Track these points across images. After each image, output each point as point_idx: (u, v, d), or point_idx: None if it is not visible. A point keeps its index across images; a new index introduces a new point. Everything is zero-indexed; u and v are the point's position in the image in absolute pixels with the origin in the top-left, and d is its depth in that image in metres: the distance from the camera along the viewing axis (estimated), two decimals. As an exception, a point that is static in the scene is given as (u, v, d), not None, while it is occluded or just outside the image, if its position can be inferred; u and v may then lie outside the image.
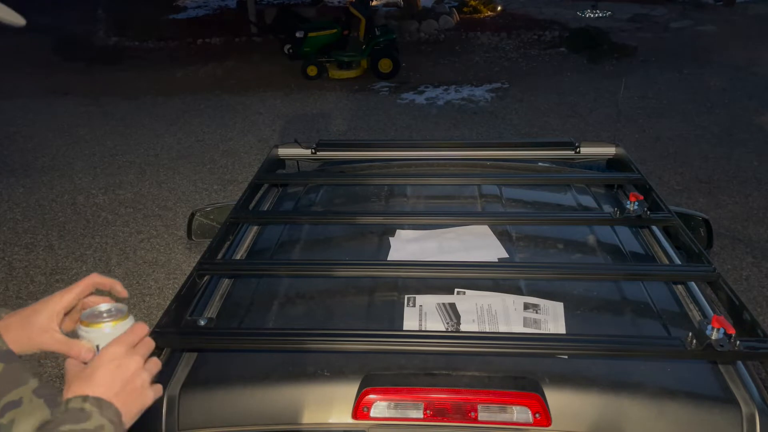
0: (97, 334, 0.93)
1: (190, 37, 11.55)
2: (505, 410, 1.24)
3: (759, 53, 9.50)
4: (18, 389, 0.85)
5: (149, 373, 0.92)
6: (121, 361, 0.89)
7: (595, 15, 12.37)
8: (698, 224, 2.38)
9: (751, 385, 1.29)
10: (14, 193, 5.82)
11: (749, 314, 1.36)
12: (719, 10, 12.88)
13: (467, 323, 1.45)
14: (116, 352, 0.90)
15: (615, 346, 1.30)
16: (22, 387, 0.86)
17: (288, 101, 8.28)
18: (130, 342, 0.92)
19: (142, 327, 0.96)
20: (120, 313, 0.96)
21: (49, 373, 3.50)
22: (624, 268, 1.71)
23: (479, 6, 12.83)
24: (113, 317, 0.95)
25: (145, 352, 0.94)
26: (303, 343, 1.30)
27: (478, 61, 9.88)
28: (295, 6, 13.27)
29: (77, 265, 4.62)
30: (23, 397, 0.85)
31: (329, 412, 1.27)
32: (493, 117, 7.49)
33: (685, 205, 4.98)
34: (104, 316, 0.96)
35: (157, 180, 6.01)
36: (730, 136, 6.61)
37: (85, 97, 8.61)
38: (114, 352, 0.90)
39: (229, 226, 1.83)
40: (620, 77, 8.43)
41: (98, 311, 0.98)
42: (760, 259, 4.37)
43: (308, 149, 2.37)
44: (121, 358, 0.89)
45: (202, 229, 2.48)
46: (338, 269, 1.58)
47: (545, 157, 2.51)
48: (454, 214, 2.05)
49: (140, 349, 0.93)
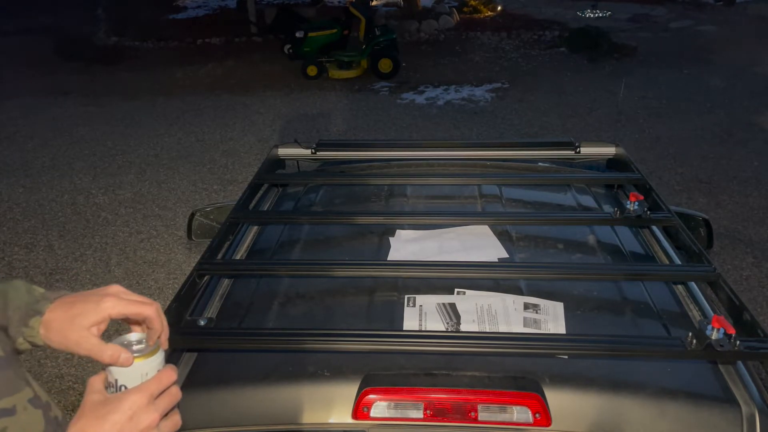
0: (129, 370, 0.86)
1: (190, 37, 11.55)
2: (505, 410, 1.23)
3: (759, 53, 9.50)
4: (10, 397, 0.81)
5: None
6: (137, 412, 0.82)
7: (595, 15, 12.36)
8: (698, 224, 2.38)
9: (751, 385, 1.29)
10: (14, 193, 5.83)
11: (749, 314, 1.36)
12: (719, 10, 12.88)
13: (467, 323, 1.45)
14: (135, 401, 0.83)
15: (615, 346, 1.30)
16: (16, 395, 0.82)
17: (288, 101, 8.28)
18: (152, 393, 0.85)
19: (169, 374, 0.88)
20: (149, 348, 0.89)
21: (48, 373, 3.50)
22: (624, 268, 1.71)
23: (479, 6, 12.82)
24: (142, 352, 0.87)
25: (165, 407, 0.86)
26: (303, 343, 1.30)
27: (478, 61, 9.88)
28: (295, 6, 13.27)
29: (77, 265, 4.62)
30: (16, 405, 0.81)
31: (329, 412, 1.27)
32: (493, 117, 7.49)
33: (685, 205, 4.98)
34: (134, 349, 0.88)
35: (156, 180, 6.01)
36: (730, 136, 6.61)
37: (85, 97, 8.61)
38: (133, 402, 0.83)
39: (229, 226, 1.83)
40: (620, 77, 8.43)
41: (127, 341, 0.89)
42: (760, 259, 4.37)
43: (308, 149, 2.37)
44: (137, 410, 0.83)
45: (202, 229, 2.48)
46: (338, 269, 1.58)
47: (545, 157, 2.51)
48: (454, 214, 2.04)
49: (161, 404, 0.86)
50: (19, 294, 0.96)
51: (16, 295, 0.96)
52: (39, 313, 0.94)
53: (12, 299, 0.96)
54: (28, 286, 0.98)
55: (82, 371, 3.53)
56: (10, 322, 0.95)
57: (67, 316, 0.92)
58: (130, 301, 0.92)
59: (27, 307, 0.95)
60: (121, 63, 10.49)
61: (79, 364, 3.57)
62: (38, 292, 0.97)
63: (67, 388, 3.42)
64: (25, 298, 0.96)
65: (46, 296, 0.96)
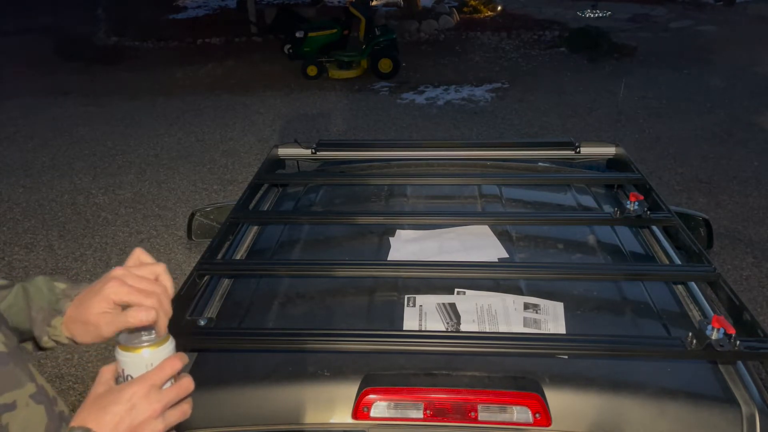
0: (134, 359, 0.84)
1: (190, 37, 11.55)
2: (505, 410, 1.23)
3: (759, 53, 9.50)
4: (11, 392, 0.81)
5: (165, 423, 0.84)
6: (137, 402, 0.81)
7: (595, 15, 12.36)
8: (698, 224, 2.38)
9: (751, 385, 1.29)
10: (14, 193, 5.83)
11: (749, 314, 1.36)
12: (719, 10, 12.88)
13: (467, 323, 1.45)
14: (136, 392, 0.82)
15: (615, 346, 1.30)
16: (17, 390, 0.81)
17: (288, 101, 8.28)
18: (154, 382, 0.83)
19: (172, 363, 0.85)
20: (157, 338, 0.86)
21: (48, 373, 3.50)
22: (624, 268, 1.71)
23: (479, 6, 12.82)
24: (152, 341, 0.85)
25: (171, 398, 0.84)
26: (303, 343, 1.30)
27: (478, 61, 9.88)
28: (295, 6, 13.26)
29: (77, 265, 4.62)
30: (17, 400, 0.81)
31: (329, 412, 1.27)
32: (493, 117, 7.49)
33: (685, 205, 4.98)
34: (143, 337, 0.86)
35: (156, 180, 6.01)
36: (730, 136, 6.61)
37: (85, 97, 8.61)
38: (134, 392, 0.82)
39: (229, 226, 1.83)
40: (620, 77, 8.43)
41: (136, 331, 0.87)
42: (760, 259, 4.37)
43: (308, 149, 2.37)
44: (137, 400, 0.81)
45: (202, 229, 2.48)
46: (338, 269, 1.58)
47: (545, 157, 2.51)
48: (454, 214, 2.04)
49: (166, 394, 0.84)
50: (41, 293, 0.98)
51: (38, 295, 0.98)
52: (60, 313, 0.96)
53: (34, 299, 0.98)
54: (49, 283, 0.99)
55: (82, 371, 3.53)
56: (33, 323, 0.97)
57: (79, 312, 0.93)
58: (132, 289, 0.90)
59: (49, 306, 0.97)
60: (121, 63, 10.49)
61: (79, 364, 3.57)
62: (59, 288, 0.98)
63: (68, 389, 3.41)
64: (47, 297, 0.97)
65: (66, 293, 0.97)
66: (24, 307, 0.97)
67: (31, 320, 0.96)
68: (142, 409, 0.81)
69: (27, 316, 0.97)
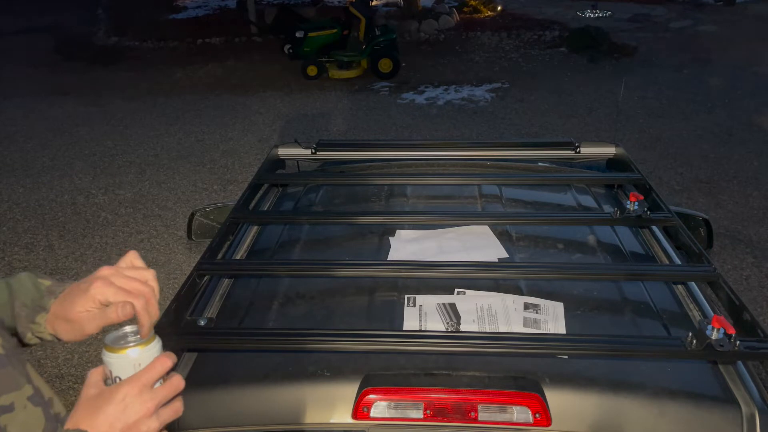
0: (121, 361, 0.84)
1: (190, 37, 11.54)
2: (505, 410, 1.23)
3: (759, 53, 9.50)
4: (9, 394, 0.81)
5: (160, 421, 0.84)
6: (130, 402, 0.82)
7: (595, 15, 12.36)
8: (698, 224, 2.37)
9: (751, 385, 1.29)
10: (14, 193, 5.82)
11: (749, 314, 1.36)
12: (719, 10, 12.88)
13: (467, 323, 1.45)
14: (127, 392, 0.82)
15: (615, 346, 1.30)
16: (15, 392, 0.82)
17: (288, 101, 8.28)
18: (146, 381, 0.83)
19: (162, 362, 0.86)
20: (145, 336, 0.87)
21: (48, 373, 3.50)
22: (624, 268, 1.71)
23: (479, 6, 12.83)
24: (138, 341, 0.86)
25: (163, 396, 0.85)
26: (303, 343, 1.30)
27: (478, 61, 9.88)
28: (295, 6, 13.26)
29: (77, 265, 4.62)
30: (15, 402, 0.81)
31: (329, 412, 1.27)
32: (493, 117, 7.49)
33: (685, 205, 4.98)
34: (129, 338, 0.87)
35: (156, 180, 6.01)
36: (730, 136, 6.61)
37: (85, 97, 8.60)
38: (125, 393, 0.82)
39: (229, 226, 1.83)
40: (620, 77, 8.43)
41: (123, 333, 0.88)
42: (760, 259, 4.37)
43: (308, 149, 2.37)
44: (130, 400, 0.82)
45: (202, 229, 2.48)
46: (338, 269, 1.58)
47: (545, 157, 2.51)
48: (454, 214, 2.04)
49: (157, 393, 0.84)
50: (25, 289, 0.97)
51: (22, 291, 0.97)
52: (44, 310, 0.96)
53: (18, 295, 0.97)
54: (34, 279, 0.99)
55: (82, 371, 3.53)
56: (17, 318, 0.96)
57: (63, 308, 0.94)
58: (118, 289, 0.91)
59: (33, 303, 0.96)
60: (121, 63, 10.49)
61: (79, 364, 3.57)
62: (44, 285, 0.98)
63: (67, 389, 3.41)
64: (31, 294, 0.97)
65: (51, 290, 0.98)
66: (7, 303, 0.96)
67: (14, 316, 0.96)
68: (135, 409, 0.82)
69: (10, 311, 0.96)
